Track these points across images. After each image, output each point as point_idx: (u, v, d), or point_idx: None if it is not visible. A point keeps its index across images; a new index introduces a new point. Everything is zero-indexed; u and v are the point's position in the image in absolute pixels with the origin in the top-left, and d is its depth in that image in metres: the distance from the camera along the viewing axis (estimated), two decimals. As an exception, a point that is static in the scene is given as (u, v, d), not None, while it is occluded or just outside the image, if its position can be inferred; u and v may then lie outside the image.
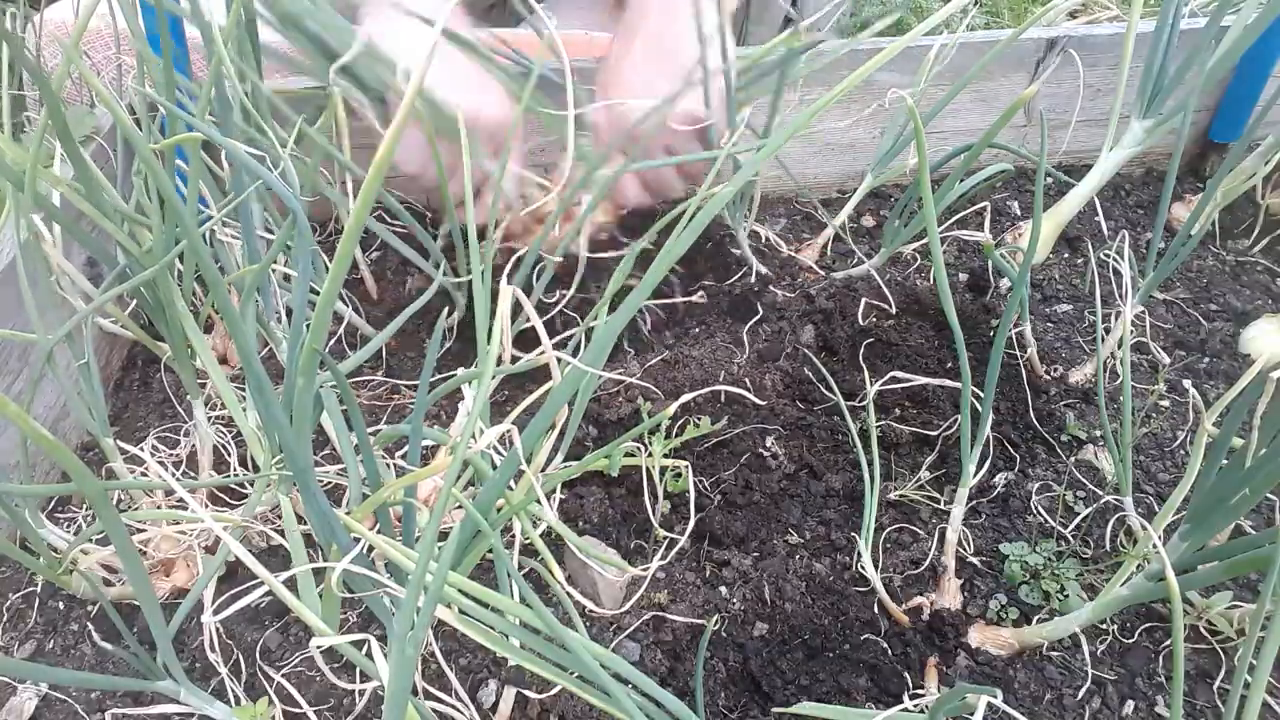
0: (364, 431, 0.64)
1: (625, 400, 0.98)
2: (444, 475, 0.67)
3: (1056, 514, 0.93)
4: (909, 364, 1.03)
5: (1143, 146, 1.07)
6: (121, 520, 0.56)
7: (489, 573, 0.85)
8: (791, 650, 0.81)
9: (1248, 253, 1.28)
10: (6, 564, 0.88)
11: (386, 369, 1.07)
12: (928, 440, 0.98)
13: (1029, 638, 0.81)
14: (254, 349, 0.71)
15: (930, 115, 1.12)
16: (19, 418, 0.42)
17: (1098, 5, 1.59)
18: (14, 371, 0.91)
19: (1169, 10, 1.01)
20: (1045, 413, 1.02)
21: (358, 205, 0.44)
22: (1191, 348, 1.13)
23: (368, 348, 0.88)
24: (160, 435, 0.98)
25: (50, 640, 0.82)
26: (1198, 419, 1.02)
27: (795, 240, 1.28)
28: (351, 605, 0.83)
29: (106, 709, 0.76)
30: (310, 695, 0.77)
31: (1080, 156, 1.40)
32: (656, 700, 0.58)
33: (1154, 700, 0.79)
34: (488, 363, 0.56)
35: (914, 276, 1.20)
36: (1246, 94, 1.34)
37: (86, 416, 0.85)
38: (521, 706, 0.75)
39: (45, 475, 0.93)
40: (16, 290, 0.83)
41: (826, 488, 0.94)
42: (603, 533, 0.89)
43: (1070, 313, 1.18)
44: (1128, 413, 0.87)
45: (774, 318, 1.10)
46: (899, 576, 0.88)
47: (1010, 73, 1.30)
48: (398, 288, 1.16)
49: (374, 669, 0.60)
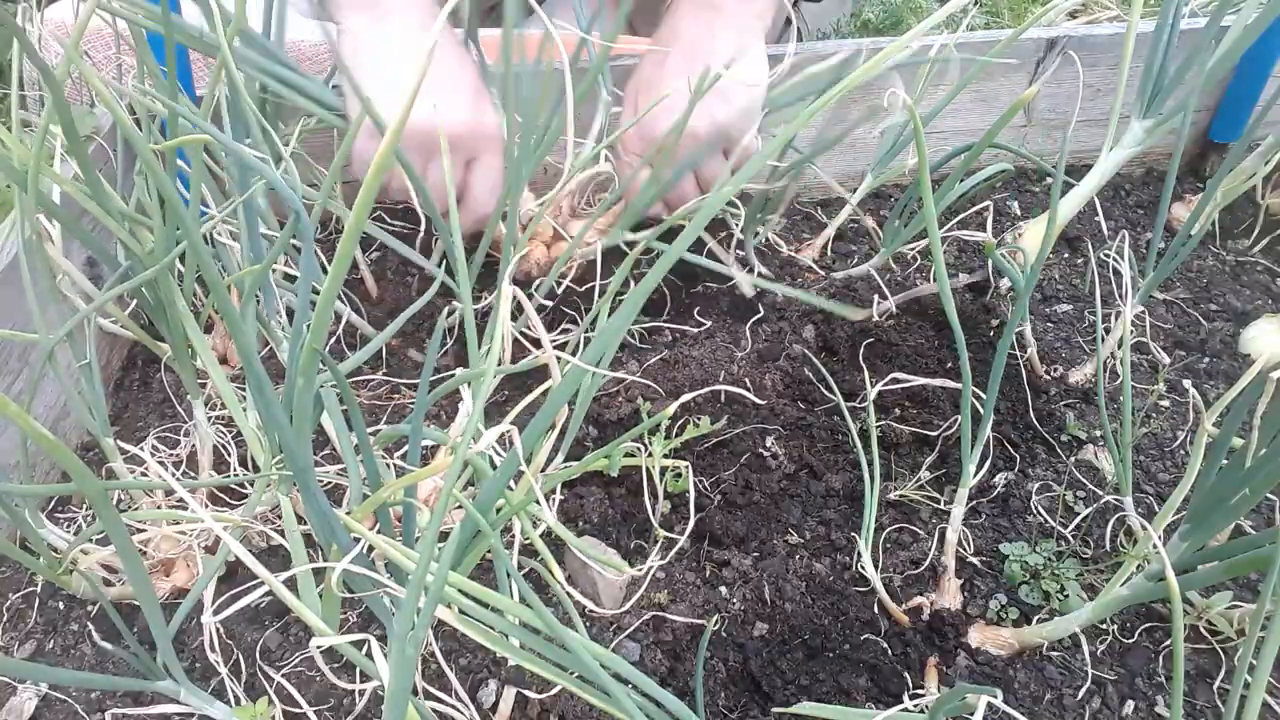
0: (364, 431, 0.64)
1: (625, 400, 0.98)
2: (444, 475, 0.67)
3: (1056, 514, 0.93)
4: (909, 364, 1.03)
5: (1143, 146, 1.06)
6: (121, 520, 0.56)
7: (489, 573, 0.85)
8: (791, 650, 0.81)
9: (1248, 253, 1.28)
10: (6, 564, 0.88)
11: (386, 369, 1.07)
12: (928, 440, 0.98)
13: (1029, 638, 0.81)
14: (254, 349, 0.71)
15: (930, 115, 1.12)
16: (19, 417, 0.42)
17: (1098, 5, 1.59)
18: (14, 371, 0.91)
19: (1169, 10, 1.01)
20: (1045, 413, 1.02)
21: (357, 205, 0.44)
22: (1191, 348, 1.13)
23: (368, 348, 0.88)
24: (160, 435, 0.98)
25: (50, 640, 0.82)
26: (1198, 419, 1.02)
27: (795, 240, 1.28)
28: (351, 605, 0.83)
29: (106, 709, 0.76)
30: (310, 695, 0.77)
31: (1080, 156, 1.40)
32: (656, 700, 0.58)
33: (1154, 700, 0.79)
34: (488, 363, 0.56)
35: (914, 276, 1.20)
36: (1246, 94, 1.34)
37: (87, 416, 0.85)
38: (521, 706, 0.75)
39: (45, 475, 0.93)
40: (16, 290, 0.83)
41: (826, 488, 0.94)
42: (603, 533, 0.89)
43: (1070, 313, 1.18)
44: (1128, 413, 0.87)
45: (774, 318, 1.10)
46: (899, 576, 0.88)
47: (1010, 73, 1.30)
48: (398, 288, 1.16)
49: (374, 669, 0.60)
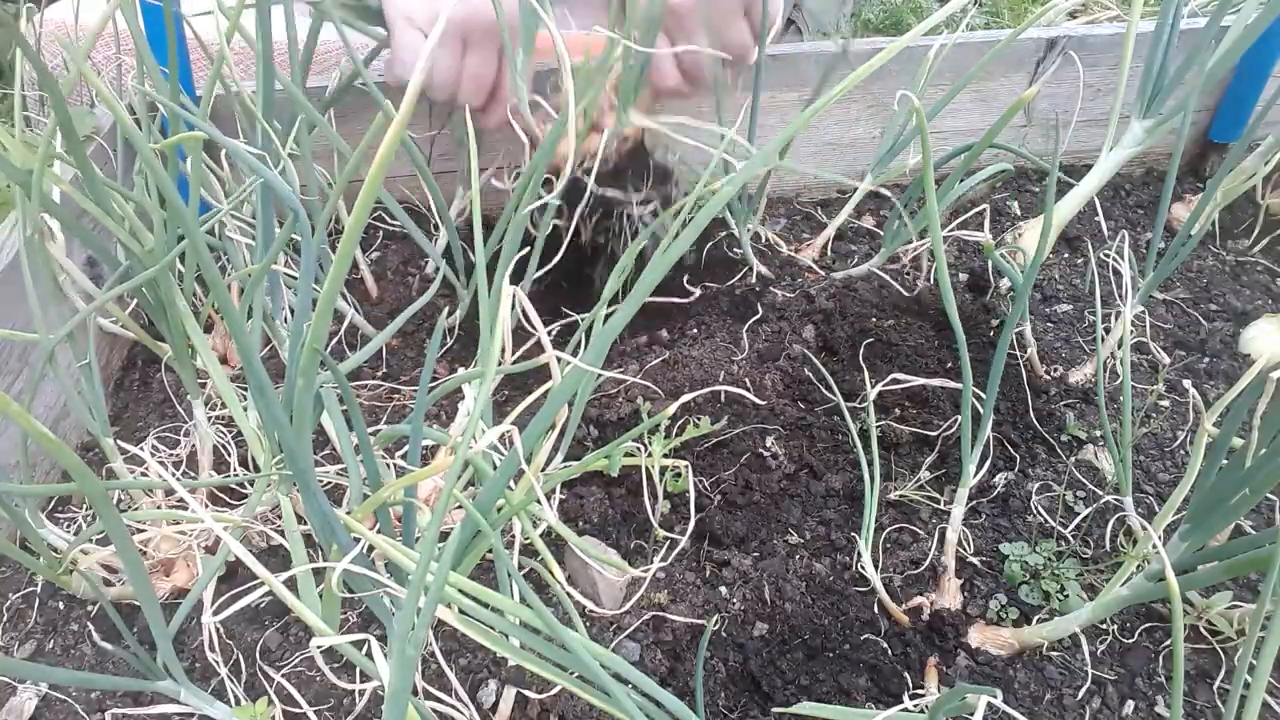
0: (364, 431, 0.64)
1: (625, 400, 0.98)
2: (444, 475, 0.67)
3: (1056, 514, 0.93)
4: (909, 364, 1.03)
5: (1143, 146, 1.06)
6: (122, 520, 0.56)
7: (489, 573, 0.85)
8: (791, 650, 0.81)
9: (1248, 253, 1.28)
10: (6, 564, 0.88)
11: (386, 369, 1.07)
12: (928, 440, 0.98)
13: (1029, 638, 0.81)
14: (254, 349, 0.71)
15: (930, 115, 1.12)
16: (20, 417, 0.41)
17: (1098, 5, 1.59)
18: (14, 371, 0.91)
19: (1169, 10, 1.01)
20: (1045, 413, 1.02)
21: (358, 205, 0.43)
22: (1191, 348, 1.13)
23: (368, 348, 0.88)
24: (160, 435, 0.98)
25: (50, 640, 0.82)
26: (1198, 419, 1.02)
27: (795, 240, 1.28)
28: (351, 605, 0.83)
29: (106, 709, 0.76)
30: (310, 695, 0.77)
31: (1080, 156, 1.41)
32: (656, 700, 0.58)
33: (1154, 700, 0.79)
34: (488, 363, 0.56)
35: (914, 276, 1.20)
36: (1246, 94, 1.34)
37: (87, 416, 0.85)
38: (521, 706, 0.75)
39: (45, 475, 0.93)
40: (16, 290, 0.83)
41: (826, 488, 0.94)
42: (603, 533, 0.89)
43: (1070, 313, 1.18)
44: (1128, 413, 0.87)
45: (774, 318, 1.10)
46: (899, 576, 0.88)
47: (1010, 73, 1.30)
48: (398, 287, 1.16)
49: (374, 669, 0.60)
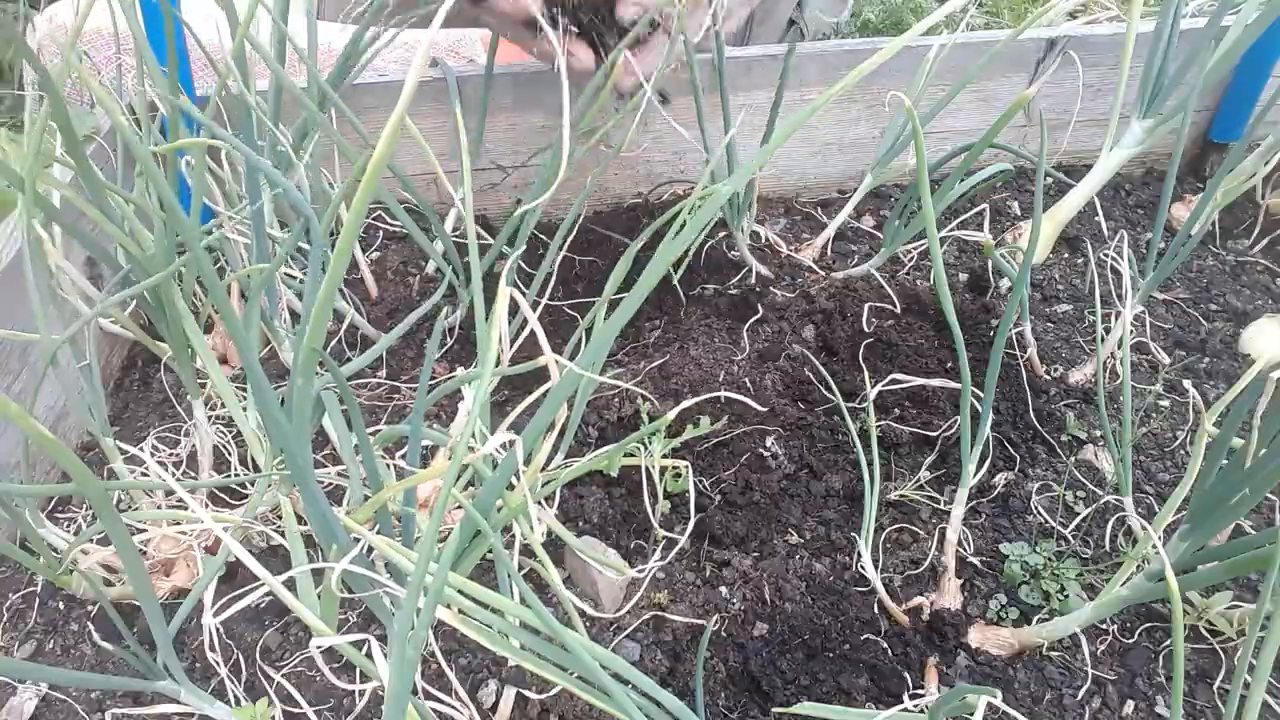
0: (364, 432, 0.64)
1: (625, 400, 0.98)
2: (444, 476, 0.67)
3: (1056, 514, 0.93)
4: (909, 364, 1.03)
5: (1143, 146, 1.07)
6: (122, 520, 0.56)
7: (489, 573, 0.85)
8: (791, 650, 0.81)
9: (1248, 253, 1.28)
10: (6, 564, 0.88)
11: (387, 369, 1.07)
12: (928, 440, 0.98)
13: (1029, 638, 0.81)
14: (254, 350, 0.71)
15: (930, 115, 1.12)
16: (20, 418, 0.42)
17: (1098, 5, 1.59)
18: (14, 371, 0.91)
19: (1169, 10, 1.01)
20: (1045, 413, 1.02)
21: (356, 204, 0.43)
22: (1191, 348, 1.13)
23: (371, 351, 0.88)
24: (160, 435, 0.98)
25: (50, 640, 0.82)
26: (1198, 419, 1.02)
27: (795, 240, 1.28)
28: (351, 605, 0.83)
29: (106, 709, 0.76)
30: (310, 695, 0.77)
31: (1080, 156, 1.40)
32: (656, 700, 0.58)
33: (1154, 700, 0.79)
34: (488, 363, 0.56)
35: (914, 276, 1.20)
36: (1246, 94, 1.34)
37: (87, 416, 0.85)
38: (521, 706, 0.75)
39: (45, 475, 0.93)
40: (16, 290, 0.83)
41: (826, 488, 0.94)
42: (603, 533, 0.89)
43: (1070, 313, 1.18)
44: (1128, 413, 0.87)
45: (774, 318, 1.10)
46: (899, 576, 0.88)
47: (1010, 73, 1.30)
48: (398, 288, 1.16)
49: (374, 669, 0.60)
